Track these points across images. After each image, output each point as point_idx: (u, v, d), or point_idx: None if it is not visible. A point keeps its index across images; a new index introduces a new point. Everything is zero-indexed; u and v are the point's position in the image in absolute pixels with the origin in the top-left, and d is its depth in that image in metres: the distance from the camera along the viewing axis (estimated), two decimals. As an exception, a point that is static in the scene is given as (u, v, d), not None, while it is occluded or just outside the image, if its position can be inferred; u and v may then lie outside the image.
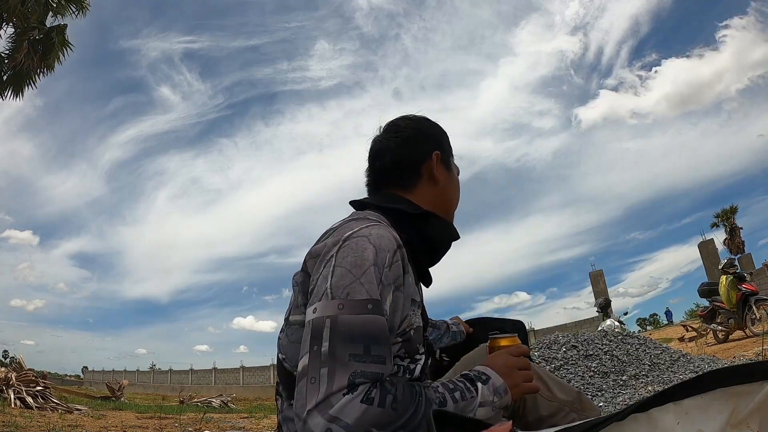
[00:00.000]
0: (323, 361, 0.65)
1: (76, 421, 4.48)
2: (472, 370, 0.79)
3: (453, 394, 0.72)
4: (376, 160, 0.96)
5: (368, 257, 0.72)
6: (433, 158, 0.93)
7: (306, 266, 0.78)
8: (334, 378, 0.64)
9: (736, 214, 23.20)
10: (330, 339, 0.66)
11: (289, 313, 0.82)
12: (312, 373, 0.65)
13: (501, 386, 0.76)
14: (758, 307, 6.90)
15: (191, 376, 26.92)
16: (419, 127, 0.97)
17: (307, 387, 0.64)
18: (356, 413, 0.62)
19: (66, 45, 8.12)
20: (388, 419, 0.64)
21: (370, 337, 0.67)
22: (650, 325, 33.98)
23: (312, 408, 0.62)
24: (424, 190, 0.92)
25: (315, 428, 0.61)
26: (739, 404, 0.59)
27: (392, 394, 0.66)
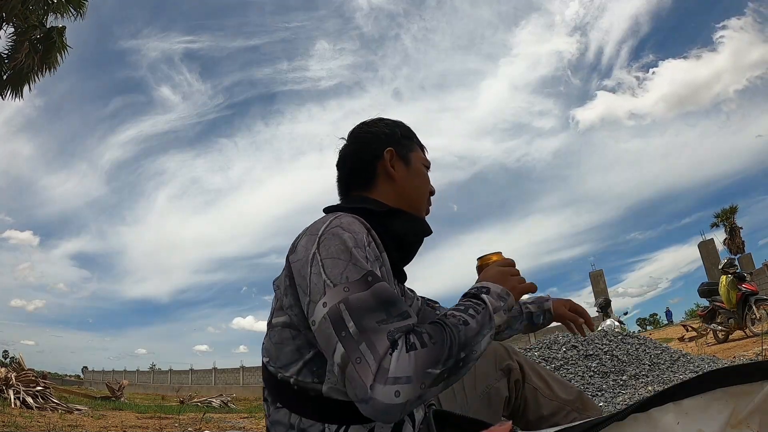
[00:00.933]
0: (357, 339, 0.66)
1: (76, 421, 4.47)
2: (471, 288, 0.82)
3: (468, 312, 0.74)
4: (339, 169, 1.00)
5: (348, 242, 0.75)
6: (385, 156, 0.95)
7: (290, 270, 0.79)
8: (375, 346, 0.65)
9: (736, 214, 23.22)
10: (352, 318, 0.68)
11: (272, 317, 0.83)
12: (354, 355, 0.66)
13: (502, 291, 0.80)
14: (758, 307, 6.90)
15: (191, 376, 26.93)
16: (373, 129, 1.00)
17: (357, 368, 0.65)
18: (409, 364, 0.64)
19: (64, 47, 8.12)
20: (435, 354, 0.66)
21: (385, 302, 0.70)
22: (650, 325, 34.00)
23: (372, 382, 0.63)
24: (383, 187, 0.95)
25: (384, 398, 0.63)
26: (739, 404, 0.59)
27: (426, 332, 0.68)
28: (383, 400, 0.62)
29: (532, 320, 1.15)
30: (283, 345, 0.80)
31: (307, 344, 0.78)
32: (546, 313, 1.16)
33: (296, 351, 0.79)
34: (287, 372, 0.79)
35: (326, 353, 0.71)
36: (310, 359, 0.77)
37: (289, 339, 0.80)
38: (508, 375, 1.02)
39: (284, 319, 0.80)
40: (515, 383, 1.02)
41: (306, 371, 0.77)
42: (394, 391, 0.63)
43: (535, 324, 1.16)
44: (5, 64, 8.00)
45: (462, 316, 0.74)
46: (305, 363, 0.78)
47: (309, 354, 0.78)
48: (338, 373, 0.67)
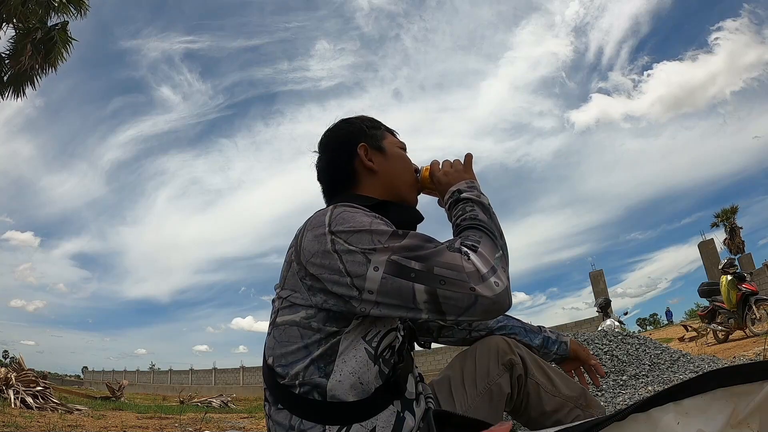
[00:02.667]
0: (428, 269, 0.71)
1: (76, 421, 4.47)
2: (445, 201, 0.92)
3: (467, 210, 0.85)
4: (320, 180, 1.02)
5: (362, 218, 0.78)
6: (360, 153, 0.97)
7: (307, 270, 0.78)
8: (449, 262, 0.70)
9: (736, 214, 23.22)
10: (411, 259, 0.71)
11: (276, 317, 0.83)
12: (435, 281, 0.70)
13: (467, 183, 0.91)
14: (758, 307, 6.89)
15: (191, 377, 26.90)
16: (337, 133, 1.02)
17: (448, 286, 0.69)
18: (485, 258, 0.72)
19: (68, 42, 8.11)
20: (490, 242, 0.76)
21: (426, 239, 0.75)
22: (650, 325, 34.01)
23: (472, 286, 0.69)
24: (367, 183, 0.96)
25: (490, 293, 0.69)
26: (739, 404, 0.60)
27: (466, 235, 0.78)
28: (490, 295, 0.69)
29: (547, 345, 1.17)
30: (290, 343, 0.80)
31: (316, 342, 0.78)
32: (562, 345, 1.17)
33: (304, 348, 0.78)
34: (293, 370, 0.78)
35: (404, 304, 0.72)
36: (319, 356, 0.77)
37: (296, 337, 0.79)
38: (511, 370, 1.00)
39: (294, 317, 0.80)
40: (518, 379, 1.01)
41: (313, 368, 0.77)
42: (493, 282, 0.69)
43: (548, 350, 1.16)
44: (6, 65, 8.00)
45: (468, 215, 0.83)
46: (312, 360, 0.77)
47: (317, 351, 0.77)
48: (429, 308, 0.71)
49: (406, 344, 0.90)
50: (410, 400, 0.83)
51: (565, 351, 1.16)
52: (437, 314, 0.71)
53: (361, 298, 0.74)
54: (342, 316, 0.77)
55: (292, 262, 0.81)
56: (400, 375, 0.82)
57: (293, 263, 0.81)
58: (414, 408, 0.83)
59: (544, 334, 1.16)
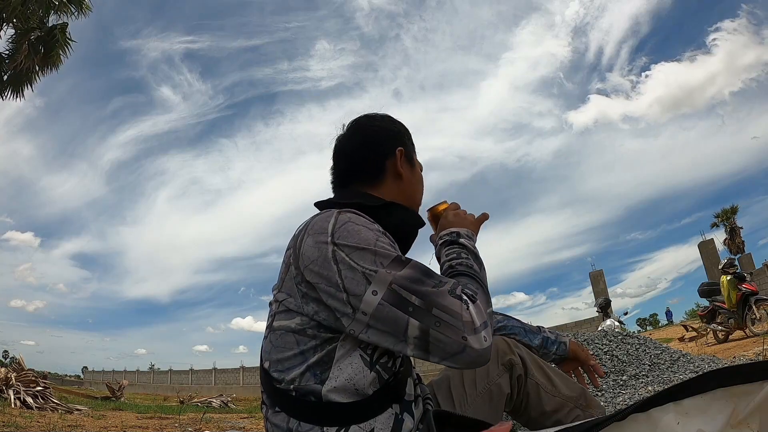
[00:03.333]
0: (427, 308, 0.70)
1: (76, 421, 4.47)
2: (440, 236, 0.93)
3: (462, 256, 0.86)
4: (340, 159, 0.99)
5: (367, 235, 0.76)
6: (396, 155, 0.96)
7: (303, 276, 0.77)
8: (448, 307, 0.70)
9: (736, 214, 23.21)
10: (411, 293, 0.71)
11: (273, 320, 0.82)
12: (431, 321, 0.70)
13: (468, 232, 0.92)
14: (758, 307, 6.89)
15: (191, 377, 26.90)
16: (383, 125, 1.00)
17: (442, 330, 0.70)
18: (480, 311, 0.72)
19: (67, 43, 8.11)
20: (486, 297, 0.77)
21: (426, 273, 0.74)
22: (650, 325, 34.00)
23: (464, 335, 0.69)
24: (389, 185, 0.95)
25: (479, 345, 0.70)
26: (739, 404, 0.59)
27: (466, 284, 0.78)
28: (479, 348, 0.70)
29: (546, 345, 1.17)
30: (286, 349, 0.79)
31: (312, 348, 0.77)
32: (561, 345, 1.17)
33: (300, 355, 0.78)
34: (289, 376, 0.78)
35: (395, 333, 0.72)
36: (314, 363, 0.77)
37: (292, 344, 0.79)
38: (510, 370, 1.00)
39: (289, 323, 0.79)
40: (518, 379, 1.00)
41: (309, 374, 0.77)
42: (482, 337, 0.70)
43: (548, 350, 1.16)
44: (5, 65, 8.00)
45: (463, 261, 0.84)
46: (309, 367, 0.77)
47: (313, 358, 0.77)
48: (417, 344, 0.71)
49: None
50: (409, 402, 0.82)
51: (564, 351, 1.16)
52: (422, 352, 0.71)
53: (353, 317, 0.73)
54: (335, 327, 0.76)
55: (290, 266, 0.80)
56: (401, 380, 0.82)
57: (291, 267, 0.80)
58: (413, 410, 0.82)
59: (543, 334, 1.16)
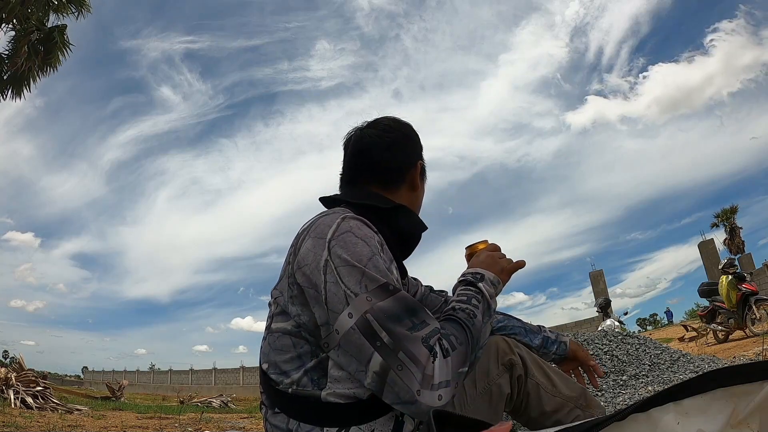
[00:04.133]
0: (394, 348, 0.69)
1: (76, 421, 4.47)
2: (464, 274, 0.87)
3: (472, 303, 0.80)
4: (360, 155, 0.97)
5: (362, 250, 0.75)
6: (417, 167, 0.98)
7: (295, 277, 0.78)
8: (415, 355, 0.69)
9: (736, 214, 23.20)
10: (383, 329, 0.70)
11: (271, 321, 0.83)
12: (394, 363, 0.69)
13: (494, 278, 0.86)
14: (758, 307, 6.89)
15: (191, 377, 26.91)
16: (408, 133, 1.00)
17: (400, 375, 0.68)
18: (448, 369, 0.70)
19: (66, 46, 8.11)
20: (464, 355, 0.74)
21: (410, 309, 0.72)
22: (650, 325, 34.00)
23: (419, 388, 0.68)
24: (402, 193, 0.96)
25: (430, 402, 0.68)
26: (739, 404, 0.59)
27: (452, 334, 0.74)
28: (429, 404, 0.68)
29: (546, 345, 1.16)
30: (283, 352, 0.79)
31: (309, 353, 0.78)
32: (561, 345, 1.17)
33: (297, 358, 0.78)
34: (287, 378, 0.78)
35: (357, 360, 0.71)
36: (312, 368, 0.77)
37: (289, 346, 0.79)
38: (511, 370, 1.00)
39: (285, 325, 0.80)
40: (518, 379, 1.00)
41: (306, 379, 0.77)
42: (438, 395, 0.69)
43: (548, 350, 1.16)
44: (5, 65, 8.00)
45: (469, 308, 0.79)
46: (306, 371, 0.77)
47: (310, 362, 0.77)
48: (375, 380, 0.70)
49: None
50: None
51: (564, 351, 1.16)
52: (377, 388, 0.70)
53: (329, 332, 0.73)
54: None
55: (289, 264, 0.81)
56: None
57: (289, 265, 0.81)
58: None
59: (543, 334, 1.16)
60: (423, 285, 1.15)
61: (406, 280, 1.01)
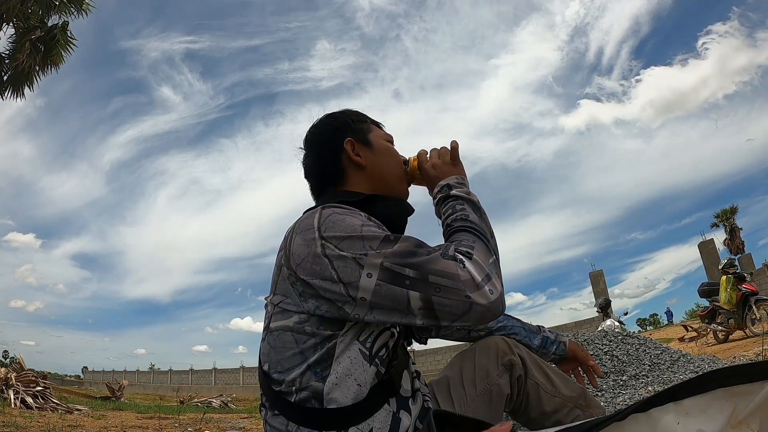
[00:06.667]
0: (423, 276, 0.71)
1: (76, 421, 4.46)
2: (434, 196, 0.91)
3: (457, 209, 0.84)
4: (307, 177, 1.00)
5: (352, 221, 0.77)
6: (346, 148, 0.95)
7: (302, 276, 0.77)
8: (443, 270, 0.70)
9: (736, 215, 23.19)
10: (405, 266, 0.71)
11: (270, 321, 0.82)
12: (431, 288, 0.70)
13: (457, 179, 0.89)
14: (758, 307, 6.89)
15: (191, 377, 26.89)
16: (322, 131, 0.99)
17: (444, 294, 0.70)
18: (478, 266, 0.72)
19: (69, 42, 8.11)
20: (484, 248, 0.76)
21: (417, 245, 0.74)
22: (650, 325, 34.00)
23: (467, 294, 0.69)
24: (355, 178, 0.95)
25: (485, 300, 0.70)
26: (740, 404, 0.59)
27: (460, 240, 0.77)
28: (485, 301, 0.70)
29: (545, 345, 1.16)
30: (285, 349, 0.79)
31: (312, 346, 0.77)
32: (561, 345, 1.17)
33: (300, 354, 0.78)
34: (289, 376, 0.78)
35: (398, 310, 0.72)
36: (314, 362, 0.77)
37: (291, 342, 0.78)
38: (510, 370, 1.00)
39: (287, 323, 0.79)
40: (517, 379, 1.00)
41: (310, 373, 0.77)
42: (488, 290, 0.70)
43: (547, 350, 1.16)
44: (5, 65, 7.99)
45: (458, 215, 0.83)
46: (309, 366, 0.77)
47: (313, 357, 0.77)
48: (426, 315, 0.71)
49: (401, 341, 0.89)
50: (405, 398, 0.82)
51: (563, 351, 1.16)
52: (432, 320, 0.72)
53: (354, 304, 0.73)
54: (336, 320, 0.77)
55: (282, 267, 0.80)
56: (394, 372, 0.82)
57: (283, 268, 0.80)
58: (410, 406, 0.82)
59: (543, 334, 1.16)
60: None
61: None
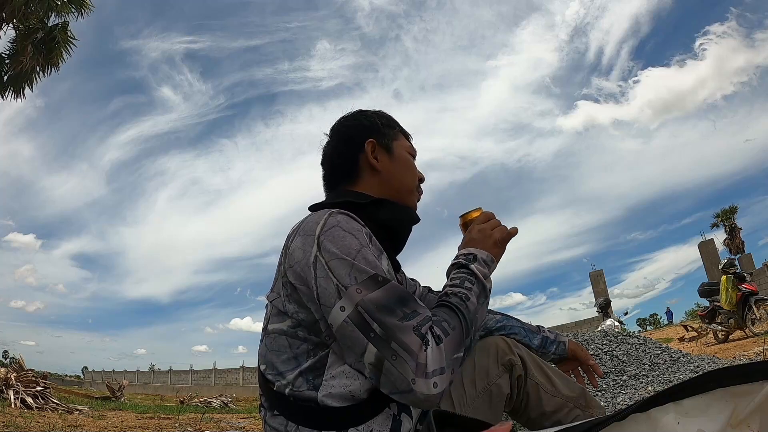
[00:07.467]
0: (387, 339, 0.69)
1: (76, 421, 4.47)
2: (457, 256, 0.85)
3: (465, 286, 0.79)
4: (323, 164, 1.00)
5: (351, 243, 0.75)
6: (366, 148, 0.95)
7: (287, 276, 0.78)
8: (407, 344, 0.69)
9: (736, 214, 23.21)
10: (375, 320, 0.70)
11: (267, 323, 0.83)
12: (388, 353, 0.69)
13: (487, 257, 0.84)
14: (758, 307, 6.89)
15: (191, 377, 26.89)
16: (351, 123, 1.00)
17: (395, 365, 0.69)
18: (441, 356, 0.70)
19: (69, 42, 8.11)
20: (458, 340, 0.73)
21: (399, 299, 0.72)
22: (650, 325, 34.00)
23: (413, 377, 0.68)
24: (367, 179, 0.95)
25: (426, 390, 0.68)
26: (739, 404, 0.59)
27: (444, 320, 0.74)
28: (425, 392, 0.68)
29: (545, 345, 1.16)
30: (279, 353, 0.80)
31: (305, 353, 0.78)
32: (560, 345, 1.16)
33: (293, 359, 0.78)
34: (283, 379, 0.78)
35: (354, 353, 0.72)
36: (307, 368, 0.77)
37: (285, 347, 0.79)
38: (510, 370, 1.00)
39: (282, 326, 0.80)
40: (517, 379, 1.00)
41: (302, 379, 0.77)
42: (433, 383, 0.68)
43: (547, 350, 1.16)
44: (6, 65, 7.99)
45: (462, 291, 0.78)
46: (301, 372, 0.77)
47: (306, 363, 0.77)
48: (372, 371, 0.71)
49: None
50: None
51: (563, 351, 1.16)
52: (376, 380, 0.72)
53: (325, 326, 0.74)
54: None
55: (281, 265, 0.81)
56: None
57: (281, 266, 0.81)
58: (411, 409, 0.82)
59: (542, 334, 1.16)
60: (421, 285, 1.15)
61: (400, 274, 1.01)
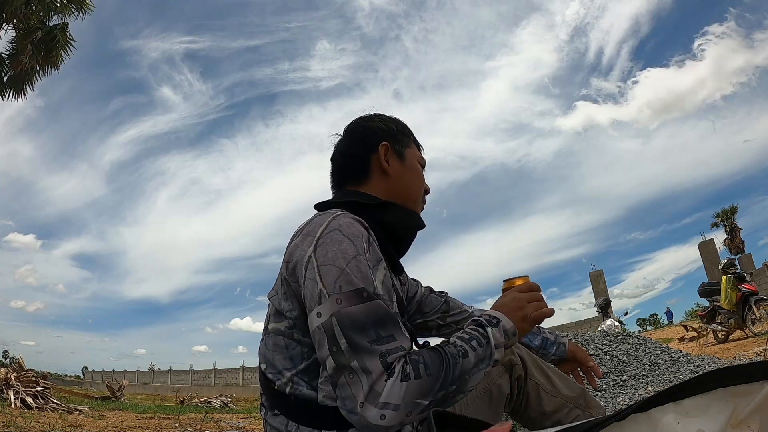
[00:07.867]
0: (349, 357, 0.68)
1: (76, 421, 4.47)
2: (482, 314, 0.80)
3: (471, 344, 0.74)
4: (333, 162, 1.00)
5: (347, 248, 0.74)
6: (380, 150, 0.95)
7: (285, 275, 0.79)
8: (368, 367, 0.67)
9: (735, 214, 23.22)
10: (344, 335, 0.69)
11: (268, 322, 0.84)
12: (346, 370, 0.68)
13: (511, 328, 0.77)
14: (758, 307, 6.89)
15: (191, 377, 26.90)
16: (367, 124, 1.00)
17: (349, 382, 0.67)
18: (400, 392, 0.66)
19: (68, 43, 8.10)
20: (428, 387, 0.68)
21: (377, 321, 0.70)
22: (650, 325, 34.00)
23: (363, 401, 0.66)
24: (376, 182, 0.95)
25: (370, 418, 0.65)
26: (740, 404, 0.59)
27: (423, 362, 0.69)
28: (369, 420, 0.65)
29: (545, 346, 1.16)
30: (277, 352, 0.81)
31: (300, 354, 0.78)
32: (560, 346, 1.16)
33: (289, 359, 0.79)
34: (282, 379, 0.79)
35: (319, 357, 0.72)
36: (303, 369, 0.78)
37: (282, 347, 0.80)
38: (510, 371, 1.00)
39: (279, 326, 0.80)
40: (517, 379, 1.01)
41: (299, 379, 0.78)
42: (380, 415, 0.65)
43: (547, 351, 1.16)
44: (6, 65, 7.99)
45: (464, 347, 0.73)
46: (298, 372, 0.78)
47: (302, 364, 0.78)
48: (329, 379, 0.70)
49: None
50: None
51: (563, 352, 1.16)
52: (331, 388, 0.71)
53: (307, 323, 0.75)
54: None
55: (283, 263, 0.82)
56: None
57: (283, 264, 0.82)
58: None
59: (543, 335, 1.16)
60: (423, 286, 1.15)
61: (403, 277, 1.01)
